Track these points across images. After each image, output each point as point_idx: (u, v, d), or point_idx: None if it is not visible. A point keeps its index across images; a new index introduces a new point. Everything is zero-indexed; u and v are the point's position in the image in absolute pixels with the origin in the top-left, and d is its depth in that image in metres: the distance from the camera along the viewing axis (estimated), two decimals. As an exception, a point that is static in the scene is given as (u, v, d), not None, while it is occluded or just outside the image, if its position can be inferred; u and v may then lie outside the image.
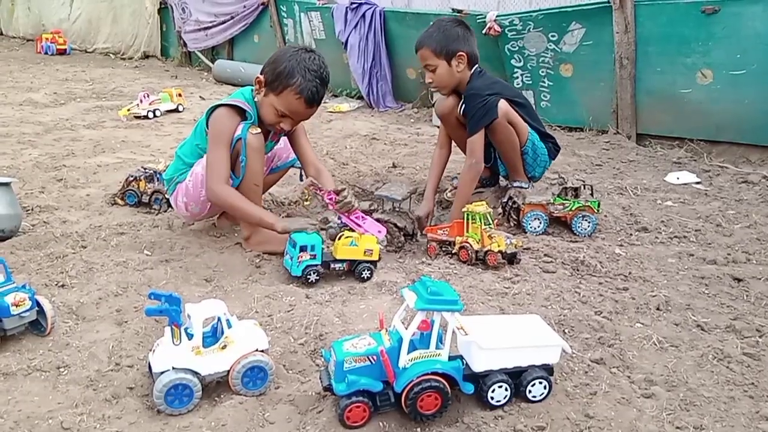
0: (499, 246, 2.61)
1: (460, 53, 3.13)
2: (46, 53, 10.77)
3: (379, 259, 2.69)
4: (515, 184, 3.41)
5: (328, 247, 2.60)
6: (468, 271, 2.59)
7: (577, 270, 2.63)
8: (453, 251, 2.77)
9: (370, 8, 6.26)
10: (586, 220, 3.02)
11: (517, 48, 5.36)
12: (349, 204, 2.66)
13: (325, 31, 7.01)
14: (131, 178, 3.27)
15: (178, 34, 9.36)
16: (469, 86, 3.18)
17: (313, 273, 2.41)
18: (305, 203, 2.82)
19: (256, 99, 2.73)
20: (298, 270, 2.38)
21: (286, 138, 2.98)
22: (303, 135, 2.96)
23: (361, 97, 6.70)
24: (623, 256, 2.80)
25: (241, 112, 2.66)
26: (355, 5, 6.31)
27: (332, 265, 2.47)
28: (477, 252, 2.65)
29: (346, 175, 3.98)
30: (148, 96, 5.59)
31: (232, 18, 8.34)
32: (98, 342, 1.95)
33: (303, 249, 2.37)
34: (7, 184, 2.78)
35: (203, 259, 2.60)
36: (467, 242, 2.68)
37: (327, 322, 2.08)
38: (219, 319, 1.74)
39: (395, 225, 3.06)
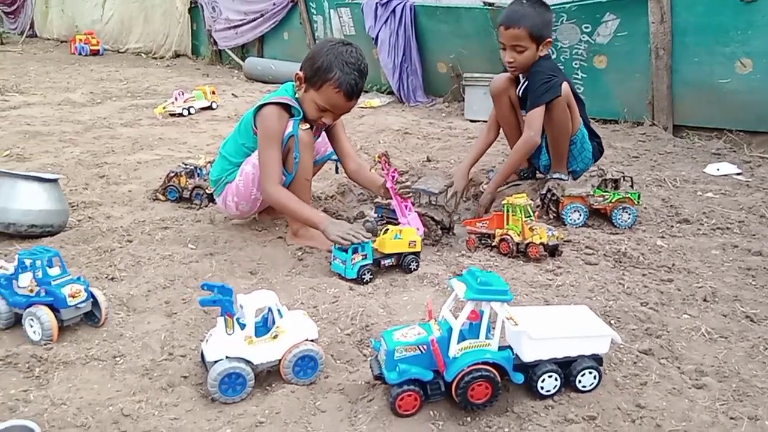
0: (541, 238, 2.60)
1: (549, 40, 3.17)
2: (80, 54, 10.97)
3: (421, 249, 2.71)
4: (554, 176, 3.39)
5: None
6: (509, 264, 2.59)
7: (620, 262, 2.61)
8: (493, 244, 2.77)
9: (400, 3, 6.26)
10: (626, 212, 3.00)
11: (550, 40, 5.31)
12: (407, 189, 2.72)
13: (355, 27, 7.03)
14: (172, 174, 3.32)
15: (209, 32, 9.47)
16: (536, 65, 3.19)
17: (368, 273, 2.43)
18: (372, 170, 2.88)
19: (297, 95, 2.75)
20: (353, 272, 2.40)
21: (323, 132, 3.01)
22: (341, 129, 2.98)
23: (391, 92, 6.71)
24: (665, 247, 2.77)
25: (288, 109, 2.69)
26: (385, 0, 6.31)
27: (383, 262, 2.49)
28: (518, 244, 2.65)
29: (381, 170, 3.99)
30: (182, 94, 5.67)
31: (262, 15, 8.41)
32: (150, 333, 1.99)
33: (355, 251, 2.39)
34: (54, 181, 2.85)
35: (247, 252, 2.64)
36: (508, 234, 2.68)
37: (372, 313, 2.10)
38: (270, 309, 1.76)
39: (432, 218, 3.07)
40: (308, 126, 2.70)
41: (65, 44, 12.12)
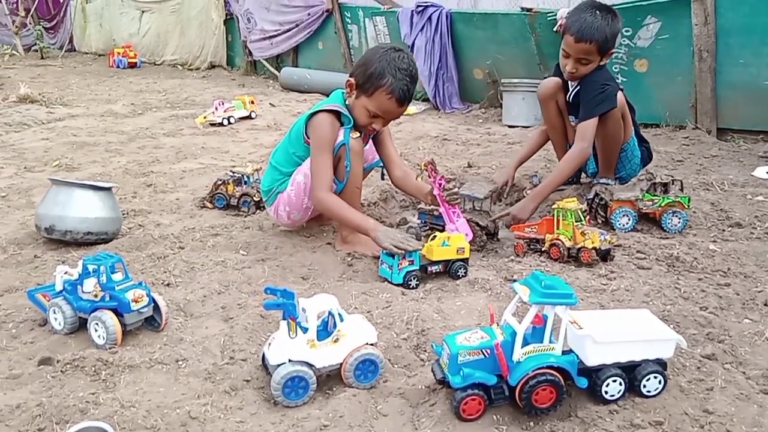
0: (593, 242, 2.58)
1: (612, 51, 3.16)
2: (118, 67, 11.24)
3: (469, 256, 2.70)
4: (601, 181, 3.36)
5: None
6: (561, 269, 2.57)
7: (673, 266, 2.57)
8: (542, 249, 2.75)
9: (436, 10, 6.28)
10: (676, 216, 2.95)
11: (588, 45, 5.27)
12: (455, 195, 2.71)
13: (390, 35, 7.07)
14: (219, 182, 3.38)
15: (244, 43, 9.61)
16: (590, 74, 3.17)
17: (414, 278, 2.43)
18: (419, 178, 2.88)
19: (347, 102, 2.78)
20: (399, 277, 2.41)
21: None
22: (388, 136, 3.00)
23: (427, 99, 6.72)
24: (719, 252, 2.72)
25: (338, 117, 2.71)
26: (421, 8, 6.34)
27: (429, 268, 2.49)
28: (569, 249, 2.63)
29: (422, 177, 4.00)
30: (222, 104, 5.76)
31: (297, 26, 8.51)
32: (210, 337, 2.02)
33: (402, 256, 2.40)
34: (109, 189, 2.92)
35: (297, 258, 2.67)
36: (559, 239, 2.66)
37: (427, 318, 2.10)
38: (330, 313, 1.78)
39: (477, 224, 3.07)
40: (359, 134, 2.72)
41: (103, 57, 12.43)
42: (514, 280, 2.48)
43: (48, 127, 5.60)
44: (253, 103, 6.05)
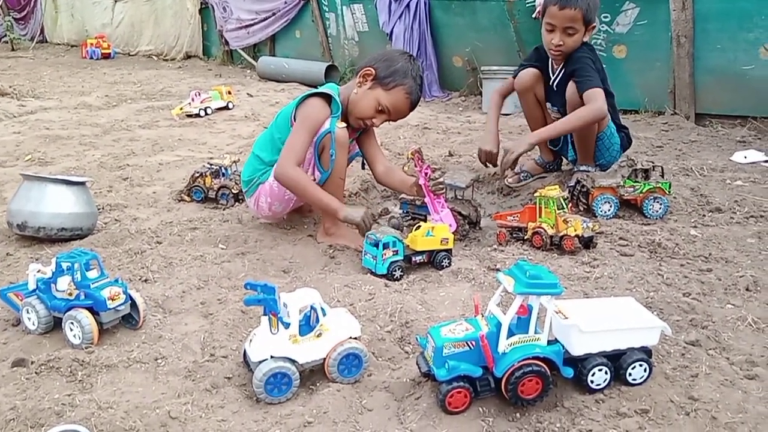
0: (575, 230, 2.57)
1: (594, 25, 3.13)
2: (91, 58, 11.00)
3: (453, 246, 2.69)
4: (582, 168, 3.36)
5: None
6: (543, 257, 2.56)
7: (655, 252, 2.57)
8: (525, 237, 2.74)
9: (414, -2, 6.22)
10: (657, 202, 2.96)
11: (567, 31, 5.26)
12: (440, 185, 2.70)
13: (368, 23, 7.01)
14: (197, 175, 3.31)
15: (220, 32, 9.46)
16: (580, 51, 3.15)
17: (398, 269, 2.40)
18: (405, 168, 2.84)
19: (356, 91, 2.75)
20: (383, 268, 2.38)
21: None
22: (373, 131, 2.98)
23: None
24: (700, 237, 2.73)
25: (329, 103, 2.69)
26: (398, -5, 6.28)
27: (413, 259, 2.46)
28: (552, 237, 2.62)
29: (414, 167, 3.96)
30: (199, 94, 5.67)
31: (274, 14, 8.39)
32: (189, 334, 1.98)
33: (386, 246, 2.37)
34: (82, 184, 2.85)
35: (278, 251, 2.62)
36: (541, 227, 2.64)
37: (410, 309, 2.08)
38: (313, 307, 1.75)
39: (459, 213, 3.05)
40: (345, 125, 2.68)
41: (76, 48, 12.17)
42: (498, 270, 2.48)
43: (20, 121, 5.46)
44: (230, 93, 5.96)
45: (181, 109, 5.60)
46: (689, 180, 3.50)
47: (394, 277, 2.39)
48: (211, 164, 3.33)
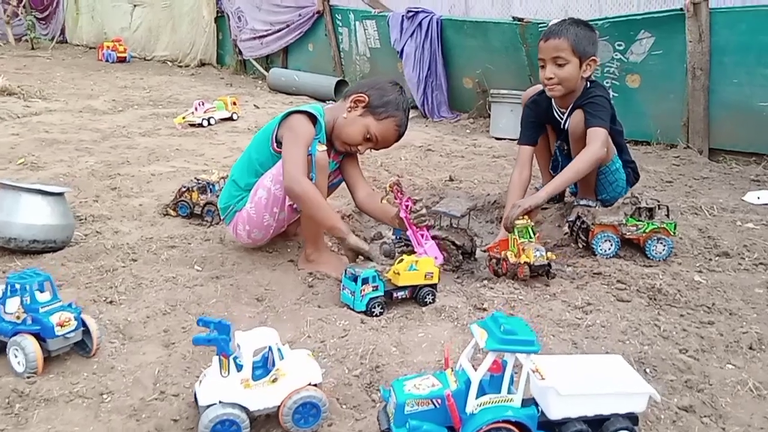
0: (527, 258, 2.47)
1: (593, 58, 3.00)
2: (107, 61, 11.04)
3: (439, 280, 2.54)
4: (582, 202, 3.21)
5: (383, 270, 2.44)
6: (534, 298, 2.40)
7: (655, 299, 2.41)
8: (497, 267, 2.66)
9: (427, 16, 6.13)
10: (661, 243, 2.80)
11: (580, 57, 5.14)
12: (423, 217, 2.59)
13: (380, 39, 6.91)
14: (184, 189, 3.20)
15: (234, 42, 9.43)
16: (593, 90, 3.03)
17: (377, 306, 2.26)
18: (383, 200, 2.72)
19: (344, 115, 2.68)
20: (362, 305, 2.23)
21: None
22: (357, 158, 2.91)
23: (415, 107, 6.56)
24: (704, 284, 2.56)
25: (314, 123, 2.58)
26: (411, 13, 6.19)
27: (395, 294, 2.32)
28: (514, 265, 2.53)
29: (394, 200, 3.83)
30: (203, 104, 5.59)
31: (288, 26, 8.34)
32: (144, 366, 1.85)
33: (365, 281, 2.23)
34: (60, 194, 2.74)
35: (255, 276, 2.49)
36: (506, 255, 2.58)
37: (384, 351, 1.93)
38: (271, 348, 1.61)
39: (453, 243, 2.92)
40: (325, 148, 2.56)
41: (94, 51, 12.21)
42: (485, 309, 2.33)
43: (21, 122, 5.40)
44: (235, 104, 5.87)
45: (183, 118, 5.52)
46: (698, 219, 3.34)
47: (374, 314, 2.24)
48: (198, 179, 3.22)
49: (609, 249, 2.82)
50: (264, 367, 1.63)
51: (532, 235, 2.62)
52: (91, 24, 13.58)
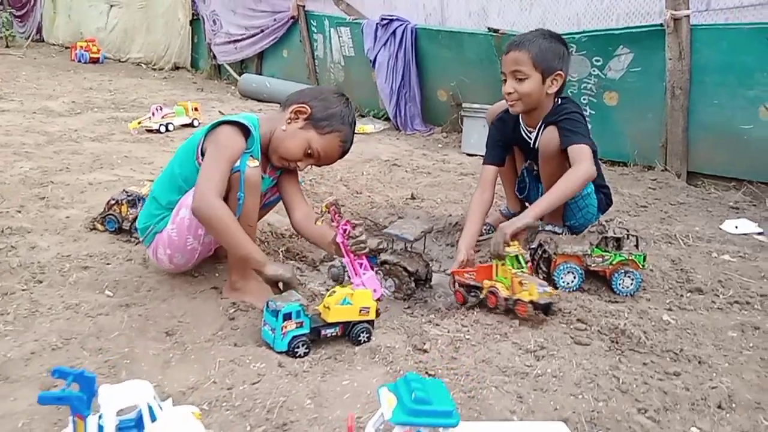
0: (530, 295, 2.20)
1: (559, 73, 2.75)
2: (79, 61, 10.73)
3: (378, 315, 2.28)
4: (548, 228, 2.96)
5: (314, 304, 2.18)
6: (483, 338, 2.14)
7: (617, 342, 2.16)
8: (480, 297, 2.37)
9: (401, 25, 5.89)
10: (628, 276, 2.55)
11: (557, 72, 4.92)
12: (362, 244, 2.33)
13: (355, 48, 6.67)
14: (113, 202, 2.92)
15: (209, 46, 9.16)
16: (564, 107, 2.79)
17: (302, 345, 1.97)
18: (318, 222, 2.43)
19: (283, 127, 2.41)
20: (283, 344, 1.95)
21: None
22: (296, 176, 2.64)
23: (388, 119, 6.32)
24: (673, 324, 2.32)
25: (246, 136, 2.31)
26: (386, 21, 5.95)
27: (323, 332, 2.04)
28: (507, 300, 2.26)
29: (358, 206, 3.58)
30: (160, 109, 5.30)
31: (262, 31, 8.09)
32: (7, 416, 1.57)
33: (287, 317, 1.95)
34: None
35: (170, 305, 2.21)
36: (495, 287, 2.29)
37: (296, 404, 1.66)
38: (150, 406, 1.33)
39: (405, 269, 2.68)
40: (257, 164, 2.29)
41: (69, 51, 11.89)
42: (426, 351, 2.07)
43: (-34, 123, 5.10)
44: (197, 110, 5.59)
45: (139, 122, 5.23)
46: (671, 249, 3.10)
47: (297, 354, 1.97)
48: (127, 191, 2.93)
49: (572, 282, 2.57)
50: (138, 427, 1.35)
51: (523, 264, 2.35)
52: (67, 23, 13.23)
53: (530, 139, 2.97)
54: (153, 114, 5.25)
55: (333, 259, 2.96)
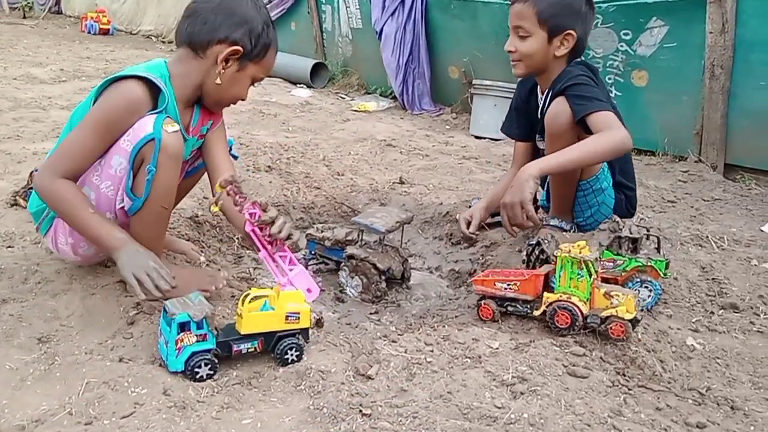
0: (628, 310, 1.76)
1: (569, 33, 2.26)
2: (89, 32, 10.38)
3: (321, 325, 1.82)
4: (552, 222, 2.46)
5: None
6: (448, 362, 1.65)
7: (624, 375, 1.67)
8: (533, 313, 1.89)
9: (411, -7, 5.37)
10: (645, 287, 2.05)
11: (580, 47, 4.38)
12: (276, 232, 1.77)
13: (362, 19, 6.17)
14: (36, 173, 2.48)
15: (217, 18, 8.72)
16: (571, 71, 2.28)
17: (204, 364, 1.50)
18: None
19: (218, 81, 1.88)
20: (178, 362, 1.48)
21: None
22: (222, 129, 2.13)
23: (394, 97, 5.81)
24: (699, 351, 1.84)
25: (153, 94, 1.82)
26: (395, -11, 5.43)
27: (236, 347, 1.56)
28: (586, 317, 1.79)
29: (336, 189, 3.10)
30: (142, 77, 4.87)
31: (270, 2, 7.60)
32: None
33: (183, 328, 1.49)
34: None
35: (58, 302, 1.77)
36: (570, 301, 1.80)
37: (163, 455, 1.20)
38: None
39: (374, 266, 2.26)
40: (177, 127, 1.80)
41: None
42: (369, 377, 1.58)
43: (-63, 86, 4.73)
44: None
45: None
46: (701, 253, 2.57)
47: (197, 377, 1.50)
48: (50, 162, 2.50)
49: (574, 290, 2.07)
50: None
51: (596, 271, 1.83)
52: (83, -5, 12.93)
53: (539, 104, 2.48)
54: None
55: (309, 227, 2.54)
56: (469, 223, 2.62)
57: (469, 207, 2.81)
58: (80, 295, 1.81)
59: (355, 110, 5.31)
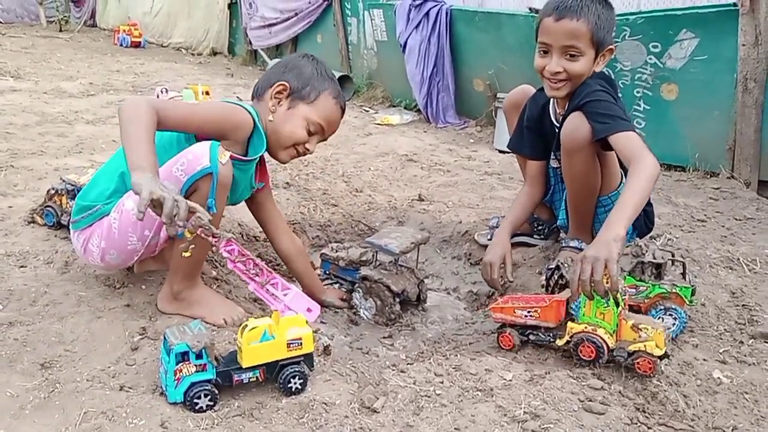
0: (658, 345, 1.69)
1: (610, 48, 2.20)
2: (121, 45, 10.56)
3: (328, 353, 1.77)
4: (571, 244, 2.38)
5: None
6: (458, 395, 1.59)
7: (644, 411, 1.58)
8: (554, 341, 1.83)
9: (435, 6, 5.31)
10: (670, 314, 1.96)
11: (607, 60, 4.27)
12: (243, 260, 1.86)
13: (387, 32, 6.13)
14: (52, 191, 2.49)
15: (245, 30, 8.80)
16: (591, 83, 2.17)
17: (204, 395, 1.46)
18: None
19: (270, 118, 2.04)
20: (177, 393, 1.45)
21: None
22: (270, 192, 2.29)
23: (418, 110, 5.76)
24: (726, 385, 1.73)
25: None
26: (419, 1, 5.39)
27: (236, 377, 1.52)
28: (612, 351, 1.72)
29: (353, 207, 3.06)
30: (166, 91, 4.89)
31: (297, 15, 7.64)
32: None
33: (184, 357, 1.45)
34: None
35: (65, 326, 1.75)
36: (596, 334, 1.72)
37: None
38: None
39: (388, 288, 2.21)
40: (228, 157, 1.79)
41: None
42: (374, 411, 1.53)
43: (-32, 101, 4.83)
44: (207, 93, 5.16)
45: (143, 105, 4.84)
46: (731, 277, 2.46)
47: (197, 408, 1.46)
48: (65, 180, 2.50)
49: (595, 318, 1.98)
50: None
51: (622, 299, 1.76)
52: (117, 8, 13.20)
53: (556, 123, 2.40)
54: (157, 97, 4.86)
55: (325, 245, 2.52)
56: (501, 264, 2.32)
57: (489, 227, 2.74)
58: (86, 318, 1.79)
59: (378, 123, 5.27)
